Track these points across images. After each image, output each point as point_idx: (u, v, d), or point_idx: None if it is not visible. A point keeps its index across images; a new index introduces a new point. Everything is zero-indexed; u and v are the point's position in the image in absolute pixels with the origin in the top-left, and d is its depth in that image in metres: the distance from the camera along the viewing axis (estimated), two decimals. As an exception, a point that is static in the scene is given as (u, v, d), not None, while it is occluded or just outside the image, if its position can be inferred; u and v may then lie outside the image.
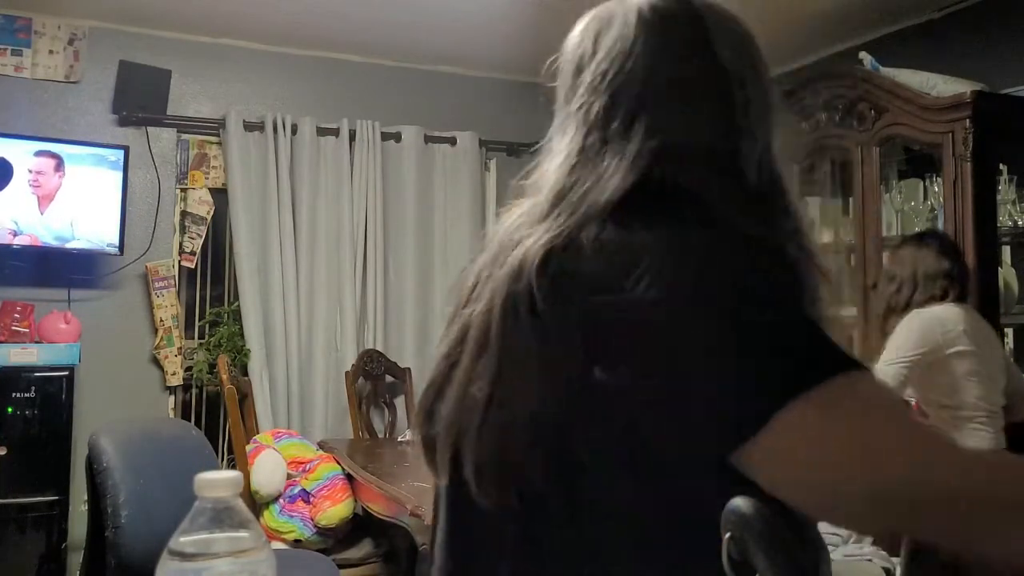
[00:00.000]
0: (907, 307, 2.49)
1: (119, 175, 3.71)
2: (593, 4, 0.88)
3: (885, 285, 2.63)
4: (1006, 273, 3.13)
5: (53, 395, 3.38)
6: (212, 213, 4.12)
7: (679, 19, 0.82)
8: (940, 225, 3.09)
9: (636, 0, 0.84)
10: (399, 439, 3.78)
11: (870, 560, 3.01)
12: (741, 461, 0.66)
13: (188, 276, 4.14)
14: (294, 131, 4.13)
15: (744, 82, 0.81)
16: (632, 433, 0.70)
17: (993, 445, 2.42)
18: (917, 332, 2.41)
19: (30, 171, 3.55)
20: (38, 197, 3.57)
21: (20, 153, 3.54)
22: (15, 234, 3.52)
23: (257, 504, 3.28)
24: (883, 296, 2.65)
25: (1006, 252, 3.19)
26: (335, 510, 3.23)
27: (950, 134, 2.96)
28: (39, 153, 3.58)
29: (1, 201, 3.51)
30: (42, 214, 3.57)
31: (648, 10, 0.82)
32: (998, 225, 3.02)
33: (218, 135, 4.07)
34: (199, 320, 4.15)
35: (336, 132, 4.19)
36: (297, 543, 3.23)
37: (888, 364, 2.37)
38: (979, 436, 2.43)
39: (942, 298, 2.48)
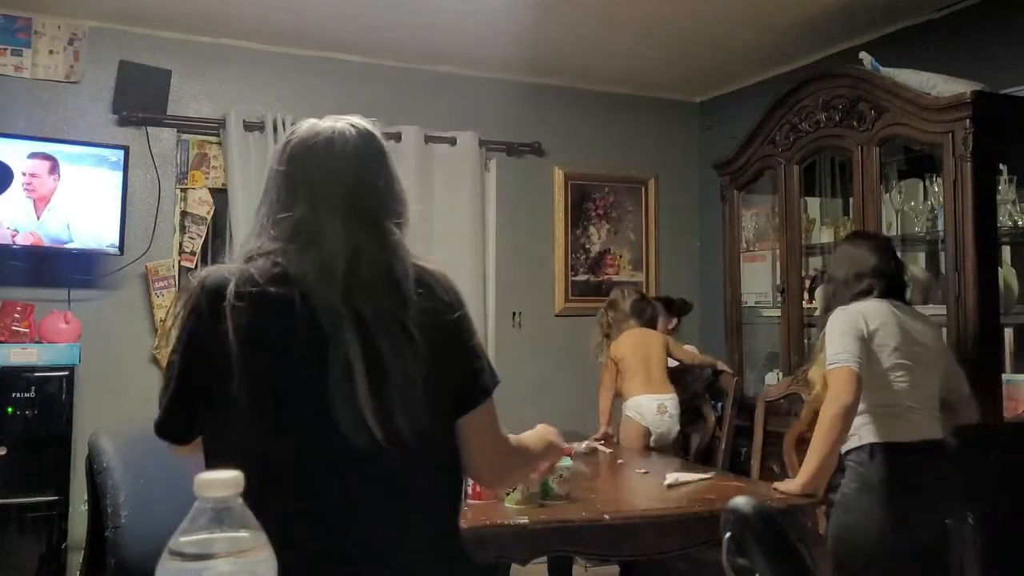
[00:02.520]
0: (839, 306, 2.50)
1: (119, 175, 3.71)
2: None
3: (824, 287, 2.64)
4: (1006, 273, 3.12)
5: (53, 395, 3.37)
6: (212, 213, 4.12)
7: (374, 142, 1.51)
8: (940, 225, 3.09)
9: (344, 124, 1.45)
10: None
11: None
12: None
13: (188, 276, 4.14)
14: (294, 131, 4.12)
15: (397, 182, 1.46)
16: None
17: (919, 435, 2.38)
18: (842, 324, 2.40)
19: (24, 174, 3.52)
20: (34, 200, 3.55)
21: (18, 154, 3.53)
22: (15, 235, 3.52)
23: (257, 504, 3.27)
24: (822, 297, 2.66)
25: (1006, 252, 3.19)
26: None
27: (950, 134, 2.96)
28: (33, 155, 3.54)
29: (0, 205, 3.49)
30: (39, 218, 3.54)
31: (355, 134, 1.47)
32: (998, 225, 3.02)
33: (218, 135, 4.07)
34: (199, 320, 4.14)
35: (336, 132, 4.18)
36: (297, 543, 3.22)
37: (835, 355, 2.35)
38: (907, 430, 2.38)
39: (868, 294, 2.47)
